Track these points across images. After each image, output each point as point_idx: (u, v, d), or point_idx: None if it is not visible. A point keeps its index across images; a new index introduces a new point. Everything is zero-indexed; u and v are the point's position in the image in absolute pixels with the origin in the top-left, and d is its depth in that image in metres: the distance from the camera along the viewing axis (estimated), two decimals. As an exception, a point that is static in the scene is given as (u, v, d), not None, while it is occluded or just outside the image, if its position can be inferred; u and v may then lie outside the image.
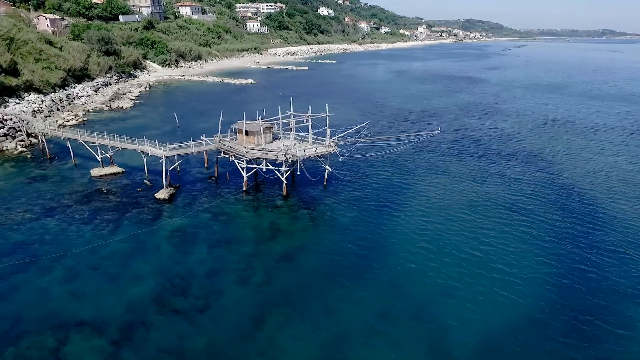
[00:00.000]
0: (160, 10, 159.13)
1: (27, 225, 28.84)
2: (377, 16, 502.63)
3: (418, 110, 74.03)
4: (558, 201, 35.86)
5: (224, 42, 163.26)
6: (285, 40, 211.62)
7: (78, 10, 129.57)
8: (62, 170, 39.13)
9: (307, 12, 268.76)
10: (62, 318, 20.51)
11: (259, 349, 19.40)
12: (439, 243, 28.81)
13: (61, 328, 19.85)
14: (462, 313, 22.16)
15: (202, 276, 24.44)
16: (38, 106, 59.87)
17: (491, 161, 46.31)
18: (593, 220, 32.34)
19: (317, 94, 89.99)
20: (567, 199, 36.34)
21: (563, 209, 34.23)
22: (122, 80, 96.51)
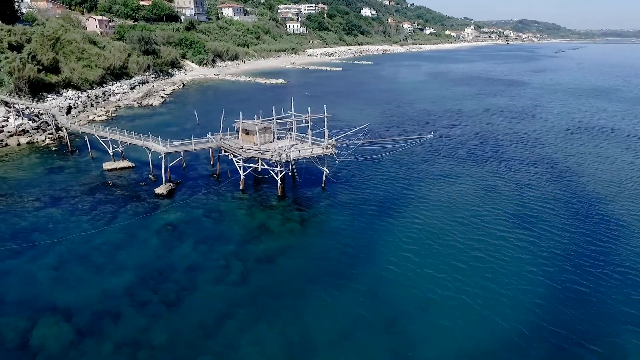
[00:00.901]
0: (202, 11, 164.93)
1: (33, 213, 30.77)
2: (422, 17, 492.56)
3: (443, 113, 71.56)
4: (572, 217, 33.22)
5: (262, 42, 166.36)
6: (323, 41, 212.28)
7: (126, 12, 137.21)
8: (79, 163, 41.42)
9: (348, 13, 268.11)
10: (40, 303, 21.62)
11: (216, 349, 19.41)
12: (428, 253, 27.59)
13: (36, 312, 20.92)
14: (435, 330, 21.03)
15: (180, 271, 24.90)
16: (74, 102, 63.85)
17: (507, 168, 43.80)
18: (607, 243, 29.53)
19: (343, 95, 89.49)
20: (584, 215, 33.56)
21: (575, 227, 31.66)
22: (159, 79, 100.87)
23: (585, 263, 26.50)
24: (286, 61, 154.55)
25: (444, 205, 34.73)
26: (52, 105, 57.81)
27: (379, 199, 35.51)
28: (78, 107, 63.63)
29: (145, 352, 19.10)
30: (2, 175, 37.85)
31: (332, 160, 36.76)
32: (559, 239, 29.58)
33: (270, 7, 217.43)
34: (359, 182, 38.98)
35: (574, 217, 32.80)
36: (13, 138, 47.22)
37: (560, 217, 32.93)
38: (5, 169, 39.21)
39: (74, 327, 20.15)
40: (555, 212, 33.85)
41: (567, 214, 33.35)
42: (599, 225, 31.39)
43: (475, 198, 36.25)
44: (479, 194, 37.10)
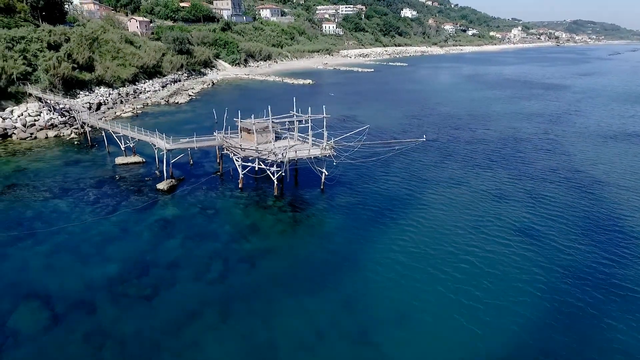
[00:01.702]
0: (240, 12, 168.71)
1: (41, 202, 32.53)
2: (467, 18, 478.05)
3: (467, 116, 68.84)
4: (586, 233, 30.83)
5: (296, 43, 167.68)
6: (359, 42, 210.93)
7: (166, 13, 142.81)
8: (95, 157, 43.40)
9: (386, 14, 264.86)
10: (25, 288, 22.73)
11: (179, 346, 19.52)
12: (417, 262, 26.50)
13: (19, 297, 22.00)
14: (408, 345, 20.08)
15: (162, 266, 25.38)
16: (104, 99, 67.14)
17: (524, 175, 41.38)
18: (620, 265, 27.22)
19: (368, 96, 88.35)
20: (600, 232, 31.05)
21: (587, 244, 29.36)
22: (191, 78, 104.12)
23: (589, 284, 24.45)
24: (319, 62, 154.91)
25: (445, 211, 33.34)
26: (82, 101, 61.10)
27: (378, 203, 34.61)
28: (108, 103, 66.85)
29: (111, 342, 19.55)
30: (24, 166, 40.34)
31: (333, 162, 36.20)
32: (564, 255, 27.53)
33: (307, 9, 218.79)
34: (360, 184, 38.21)
35: (587, 233, 30.42)
36: (42, 131, 50.27)
37: (573, 231, 30.65)
38: (28, 161, 41.77)
39: (50, 313, 21.02)
40: (567, 226, 31.56)
41: (581, 230, 30.98)
42: (614, 244, 28.88)
43: (481, 205, 34.55)
44: (486, 202, 35.32)
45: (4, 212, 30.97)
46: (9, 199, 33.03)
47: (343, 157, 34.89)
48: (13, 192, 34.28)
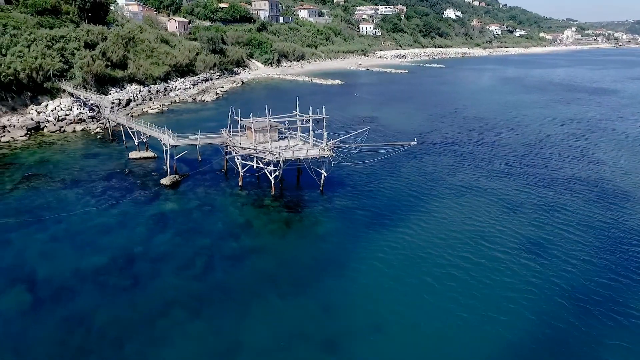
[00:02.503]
0: (277, 13, 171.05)
1: (53, 192, 34.33)
2: (516, 18, 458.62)
3: (495, 120, 65.67)
4: (599, 252, 28.49)
5: (331, 43, 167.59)
6: (397, 43, 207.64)
7: (205, 14, 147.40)
8: (113, 151, 45.30)
9: (427, 14, 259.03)
10: (16, 271, 24.01)
11: (146, 339, 19.82)
12: (409, 268, 25.59)
13: (8, 279, 23.24)
14: (378, 355, 19.28)
15: (149, 258, 25.97)
16: (134, 95, 70.15)
17: (543, 184, 38.85)
18: (628, 286, 24.90)
19: (395, 97, 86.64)
20: (616, 251, 28.61)
21: (596, 262, 27.13)
22: (223, 77, 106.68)
23: (586, 307, 22.47)
24: (352, 63, 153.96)
25: (447, 218, 31.96)
26: (112, 97, 64.16)
27: (379, 206, 33.71)
28: (137, 100, 69.79)
29: (83, 329, 20.17)
30: (47, 157, 42.82)
31: (335, 162, 35.65)
32: (566, 274, 25.53)
33: (345, 9, 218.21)
34: (363, 187, 37.38)
35: (600, 253, 28.04)
36: (71, 125, 53.23)
37: (584, 249, 28.36)
38: (52, 152, 44.31)
39: (33, 297, 22.05)
40: (580, 242, 29.24)
41: (595, 248, 28.61)
42: (628, 267, 26.40)
43: (487, 213, 32.81)
44: (494, 210, 33.49)
45: (18, 199, 32.96)
46: (26, 187, 35.14)
47: (340, 158, 34.23)
48: (30, 181, 36.44)
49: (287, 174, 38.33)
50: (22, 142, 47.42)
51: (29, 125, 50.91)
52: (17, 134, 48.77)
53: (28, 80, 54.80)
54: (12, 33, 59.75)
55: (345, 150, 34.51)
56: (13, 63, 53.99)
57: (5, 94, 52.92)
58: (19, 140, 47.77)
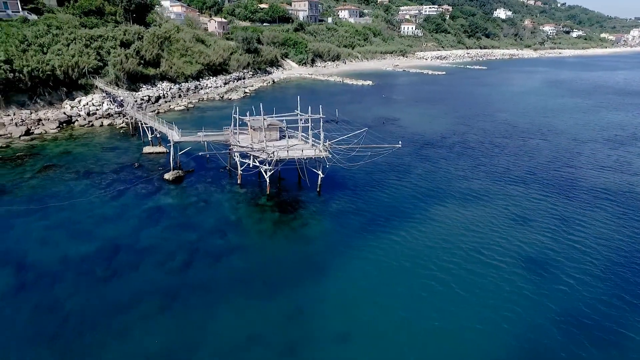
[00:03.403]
0: (316, 13, 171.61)
1: (65, 182, 36.21)
2: (575, 18, 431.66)
3: (526, 125, 61.72)
4: (609, 272, 25.91)
5: (369, 43, 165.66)
6: (439, 44, 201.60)
7: (245, 14, 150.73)
8: (131, 145, 47.14)
9: (474, 14, 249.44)
10: (9, 255, 25.44)
11: (112, 329, 20.24)
12: (392, 277, 24.65)
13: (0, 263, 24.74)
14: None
15: (134, 250, 26.63)
16: (164, 92, 72.86)
17: (561, 196, 35.97)
18: (631, 312, 22.40)
19: (424, 99, 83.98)
20: (632, 273, 25.90)
21: (602, 283, 24.68)
22: (256, 76, 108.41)
23: (579, 330, 20.41)
24: (389, 63, 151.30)
25: (447, 227, 30.44)
26: (142, 94, 67.01)
27: (375, 211, 32.67)
28: (167, 97, 72.43)
29: (53, 316, 20.95)
30: (69, 149, 45.33)
31: (332, 164, 34.92)
32: (565, 292, 23.43)
33: (386, 9, 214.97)
34: (363, 190, 36.37)
35: (611, 273, 25.49)
36: (99, 120, 56.11)
37: (591, 267, 25.92)
38: (75, 145, 46.87)
39: (17, 281, 23.24)
40: (588, 259, 26.77)
41: (605, 267, 26.07)
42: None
43: (489, 224, 30.83)
44: (498, 220, 31.42)
45: (32, 187, 35.07)
46: (41, 176, 37.34)
47: (335, 159, 33.42)
48: (48, 171, 38.69)
49: (289, 174, 38.11)
50: (52, 135, 50.59)
51: (62, 119, 54.22)
52: (50, 127, 52.09)
53: (64, 77, 58.38)
54: (54, 33, 63.96)
55: (342, 152, 33.67)
56: (52, 60, 57.75)
57: (43, 89, 56.68)
58: (50, 133, 50.99)
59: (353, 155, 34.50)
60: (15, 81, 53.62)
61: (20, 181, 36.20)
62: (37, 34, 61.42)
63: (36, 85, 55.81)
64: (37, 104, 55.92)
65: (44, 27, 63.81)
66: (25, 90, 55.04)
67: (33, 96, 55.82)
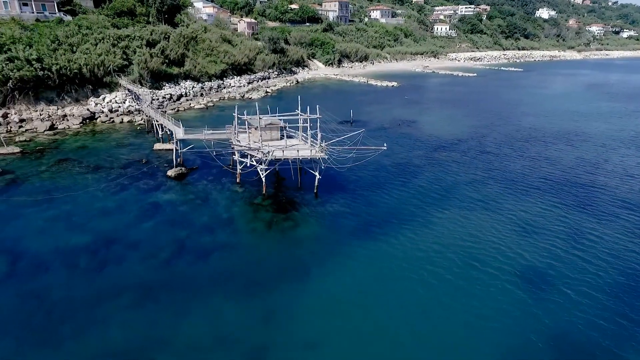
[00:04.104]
0: (346, 14, 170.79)
1: (74, 175, 37.64)
2: (627, 17, 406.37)
3: (552, 131, 58.40)
4: (621, 291, 23.95)
5: (399, 44, 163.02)
6: (474, 45, 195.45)
7: (275, 15, 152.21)
8: (144, 142, 48.44)
9: (513, 14, 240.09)
10: (6, 243, 26.63)
11: (89, 319, 20.70)
12: (374, 285, 23.93)
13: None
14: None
15: (124, 244, 27.15)
16: (187, 91, 74.63)
17: (577, 207, 33.73)
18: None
19: (447, 101, 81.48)
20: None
21: (611, 304, 22.81)
22: (281, 76, 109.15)
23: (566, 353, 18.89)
24: (419, 64, 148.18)
25: (444, 234, 29.29)
26: (165, 92, 68.93)
27: (372, 214, 31.85)
28: (189, 95, 74.17)
29: (38, 304, 21.66)
30: (86, 144, 47.19)
31: (327, 165, 34.33)
32: (562, 309, 21.79)
33: (419, 9, 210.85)
34: (363, 192, 35.55)
35: (619, 291, 23.53)
36: (120, 117, 58.16)
37: (598, 284, 24.05)
38: (92, 140, 48.74)
39: (9, 268, 24.25)
40: (595, 276, 24.85)
41: (613, 285, 24.12)
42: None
43: (492, 233, 29.33)
44: (503, 230, 29.85)
45: (43, 180, 36.68)
46: (54, 170, 39.02)
47: (329, 160, 32.78)
48: (62, 164, 40.39)
49: (289, 174, 37.87)
50: (74, 130, 52.89)
51: (85, 115, 56.62)
52: (73, 122, 54.52)
53: (90, 75, 60.98)
54: (84, 32, 66.97)
55: (335, 153, 33.03)
56: (79, 59, 60.47)
57: (70, 86, 59.43)
58: (73, 128, 53.34)
59: (347, 156, 33.78)
60: (45, 78, 56.53)
61: (34, 173, 37.97)
62: (67, 33, 64.55)
63: (64, 83, 58.61)
64: (64, 100, 58.70)
65: (74, 28, 66.97)
66: (53, 88, 57.90)
67: (61, 93, 58.65)
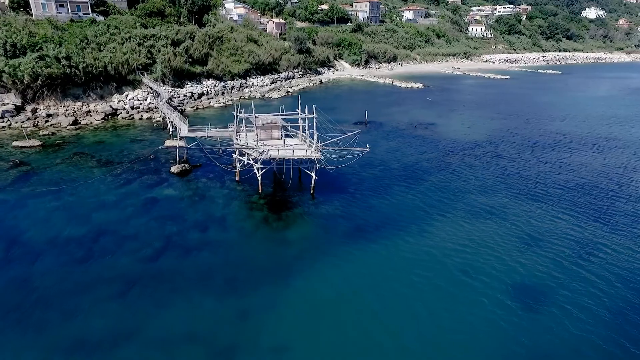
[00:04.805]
0: (377, 14, 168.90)
1: (84, 169, 38.92)
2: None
3: (579, 138, 54.87)
4: (626, 311, 21.99)
5: (431, 45, 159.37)
6: (510, 46, 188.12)
7: (305, 15, 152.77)
8: (158, 138, 49.49)
9: (556, 14, 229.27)
10: (8, 231, 27.79)
11: (66, 309, 21.18)
12: (355, 293, 23.16)
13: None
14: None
15: (116, 236, 27.67)
16: (208, 90, 76.00)
17: (594, 219, 31.40)
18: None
19: (471, 103, 78.63)
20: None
21: (613, 325, 20.97)
22: (305, 76, 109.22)
23: None
24: (450, 66, 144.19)
25: (442, 242, 28.07)
26: (186, 90, 70.50)
27: (369, 218, 31.03)
28: (210, 94, 75.50)
29: (23, 290, 22.37)
30: (103, 139, 48.84)
31: (322, 166, 33.68)
32: (556, 331, 20.18)
33: (454, 10, 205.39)
34: (363, 195, 34.63)
35: (620, 319, 21.60)
36: (139, 113, 59.93)
37: (598, 304, 22.19)
38: (110, 136, 50.41)
39: (3, 255, 25.24)
40: (596, 296, 22.97)
41: (618, 305, 22.15)
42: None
43: (491, 243, 27.79)
44: (505, 240, 28.20)
45: (55, 172, 38.15)
46: (68, 162, 40.56)
47: (323, 161, 32.09)
48: (75, 158, 41.94)
49: (289, 174, 37.46)
50: (95, 125, 54.96)
51: (107, 111, 58.74)
52: (95, 118, 56.69)
53: (115, 73, 63.22)
54: (112, 32, 69.60)
55: (336, 154, 32.32)
56: (104, 57, 62.86)
57: (96, 83, 61.86)
58: (94, 124, 55.45)
59: (342, 157, 33.01)
60: (72, 76, 59.10)
61: (48, 165, 39.61)
62: (96, 33, 67.26)
63: (89, 80, 61.06)
64: (89, 97, 61.17)
65: (104, 27, 69.71)
66: (80, 85, 60.45)
67: (86, 90, 61.15)
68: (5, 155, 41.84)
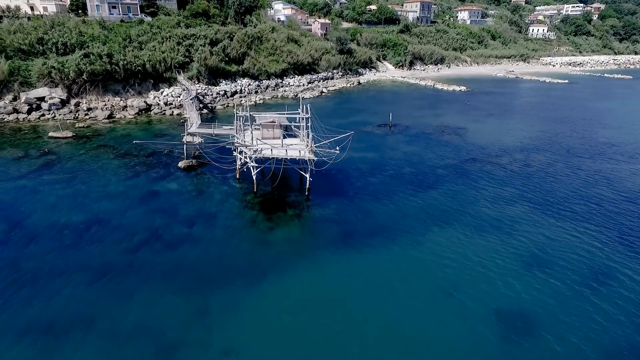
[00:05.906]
0: (428, 15, 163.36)
1: (101, 160, 40.97)
2: None
3: (629, 148, 48.86)
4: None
5: (484, 47, 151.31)
6: (576, 48, 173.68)
7: (352, 16, 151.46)
8: (180, 133, 50.77)
9: (634, 13, 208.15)
10: (13, 214, 29.79)
11: (40, 291, 22.25)
12: (330, 304, 22.31)
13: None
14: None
15: (109, 226, 28.76)
16: (242, 88, 77.51)
17: (619, 242, 27.63)
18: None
19: (512, 108, 73.41)
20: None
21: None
22: (345, 77, 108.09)
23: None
24: (503, 69, 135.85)
25: (434, 255, 26.34)
26: (219, 88, 72.46)
27: (362, 223, 29.94)
28: (243, 92, 76.96)
29: (6, 271, 23.81)
30: (131, 132, 51.27)
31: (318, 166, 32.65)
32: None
33: (514, 10, 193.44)
34: (362, 198, 33.35)
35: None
36: (171, 109, 62.36)
37: (601, 338, 19.43)
38: (138, 130, 52.82)
39: (4, 236, 27.05)
40: (600, 330, 20.13)
41: (616, 345, 19.30)
42: None
43: (488, 261, 25.45)
44: (502, 259, 25.75)
45: (76, 162, 40.50)
46: (90, 154, 42.96)
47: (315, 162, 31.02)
48: (99, 149, 44.36)
49: (290, 174, 36.90)
50: (128, 119, 57.96)
51: (141, 107, 61.77)
52: (129, 113, 59.82)
53: (152, 70, 66.36)
54: (154, 32, 73.17)
55: (330, 155, 31.21)
56: (143, 55, 66.19)
57: (134, 80, 65.31)
58: (127, 118, 58.52)
59: (335, 159, 31.80)
60: (113, 72, 62.83)
61: (73, 155, 42.19)
62: (139, 32, 71.03)
63: (129, 77, 64.57)
64: (128, 92, 64.69)
65: (147, 27, 73.48)
66: (120, 81, 64.12)
67: (126, 86, 64.74)
68: (40, 145, 45.20)
